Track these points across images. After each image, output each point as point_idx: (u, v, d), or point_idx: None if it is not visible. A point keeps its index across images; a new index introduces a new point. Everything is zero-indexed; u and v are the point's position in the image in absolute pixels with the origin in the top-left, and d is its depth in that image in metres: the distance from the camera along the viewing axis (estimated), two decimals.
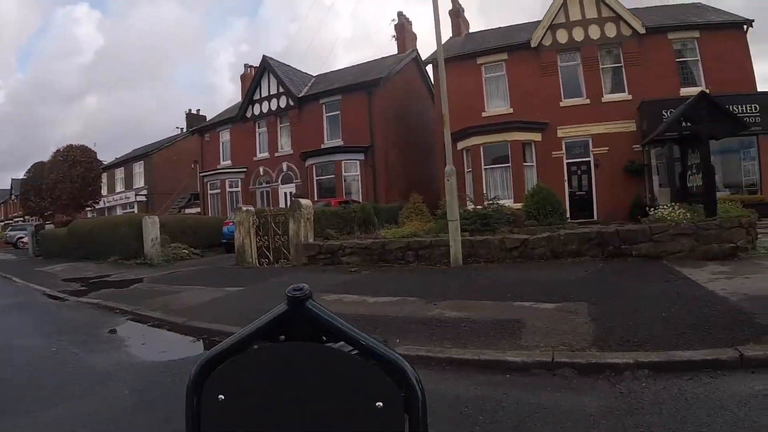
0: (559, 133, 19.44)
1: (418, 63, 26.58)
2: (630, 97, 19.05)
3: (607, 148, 19.00)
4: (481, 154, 19.23)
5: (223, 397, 0.83)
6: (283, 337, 0.84)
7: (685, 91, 17.86)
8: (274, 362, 0.84)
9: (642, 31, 19.13)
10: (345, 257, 11.86)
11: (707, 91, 10.81)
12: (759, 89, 18.33)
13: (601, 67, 19.63)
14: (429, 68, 23.75)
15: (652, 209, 11.75)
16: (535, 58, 19.92)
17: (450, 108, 20.68)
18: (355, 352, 0.82)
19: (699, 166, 11.13)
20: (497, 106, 20.43)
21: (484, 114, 20.16)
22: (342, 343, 0.82)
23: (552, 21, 19.88)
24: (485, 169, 19.25)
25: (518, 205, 15.74)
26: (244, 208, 14.43)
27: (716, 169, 19.02)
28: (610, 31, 19.57)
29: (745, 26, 19.01)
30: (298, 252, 12.73)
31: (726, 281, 6.92)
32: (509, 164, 18.95)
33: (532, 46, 19.79)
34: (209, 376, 0.85)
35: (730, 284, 6.68)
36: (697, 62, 19.02)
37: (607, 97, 19.37)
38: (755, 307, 5.40)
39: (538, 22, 20.46)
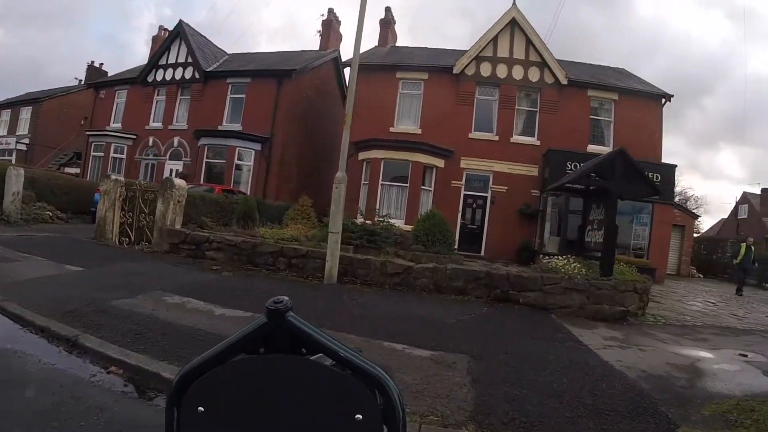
0: (462, 164, 19.02)
1: (338, 65, 25.59)
2: (538, 142, 19.02)
3: (506, 187, 18.81)
4: (381, 168, 18.34)
5: (202, 410, 0.82)
6: (263, 349, 0.83)
7: (592, 148, 18.22)
8: (254, 374, 0.83)
9: (564, 82, 19.30)
10: (211, 252, 10.39)
11: (626, 149, 10.35)
12: (663, 161, 18.94)
13: (516, 107, 19.53)
14: (348, 72, 22.79)
15: (546, 257, 11.41)
16: (454, 84, 19.47)
17: (359, 117, 19.63)
18: (335, 364, 0.81)
19: (601, 222, 10.79)
20: (407, 123, 19.71)
21: (392, 129, 19.39)
22: (321, 355, 0.82)
23: (479, 52, 19.58)
24: (382, 184, 18.36)
25: (409, 227, 14.96)
26: (113, 177, 12.49)
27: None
28: (534, 75, 19.54)
29: (663, 99, 19.72)
30: (162, 237, 11.15)
31: (620, 351, 6.26)
32: (407, 185, 18.16)
33: (455, 72, 19.34)
34: (189, 388, 0.82)
35: (626, 356, 6.02)
36: (610, 123, 19.46)
37: (516, 138, 19.23)
38: (655, 389, 4.74)
39: (464, 51, 20.08)
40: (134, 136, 24.33)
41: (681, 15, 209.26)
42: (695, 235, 33.15)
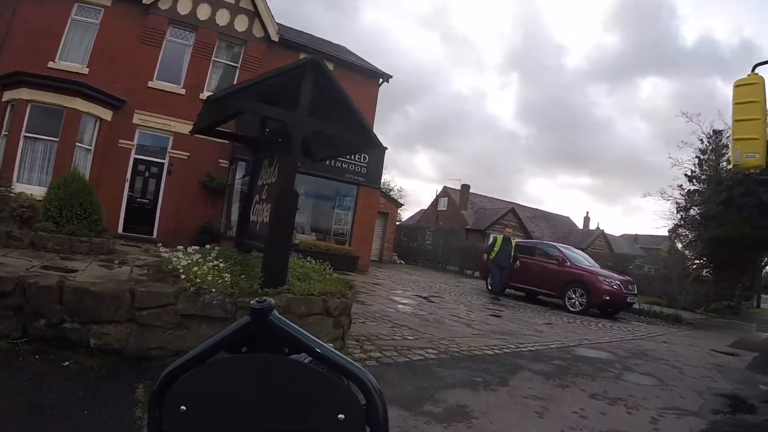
0: (136, 119, 15.20)
1: None
2: None
3: (188, 153, 15.57)
4: (27, 114, 13.93)
5: (185, 409, 0.79)
6: (245, 348, 0.82)
7: None
8: (236, 373, 0.81)
9: (275, 38, 16.81)
10: None
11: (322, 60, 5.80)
12: None
13: (213, 58, 16.38)
14: None
15: (163, 248, 7.57)
16: (142, 18, 15.58)
17: (14, 44, 15.04)
18: (318, 364, 0.80)
19: (272, 188, 6.07)
20: (71, 59, 15.10)
21: (52, 65, 14.75)
22: (304, 354, 0.80)
23: None
24: (26, 137, 13.93)
25: None
26: None
27: (306, 212, 17.65)
28: (241, 24, 16.55)
29: (380, 79, 19.14)
30: None
31: None
32: (58, 139, 14.21)
33: (144, 2, 15.49)
34: (171, 388, 0.80)
35: None
36: None
37: (208, 95, 16.03)
38: None
39: None
40: None
41: (401, 29, 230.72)
42: (397, 223, 34.88)
